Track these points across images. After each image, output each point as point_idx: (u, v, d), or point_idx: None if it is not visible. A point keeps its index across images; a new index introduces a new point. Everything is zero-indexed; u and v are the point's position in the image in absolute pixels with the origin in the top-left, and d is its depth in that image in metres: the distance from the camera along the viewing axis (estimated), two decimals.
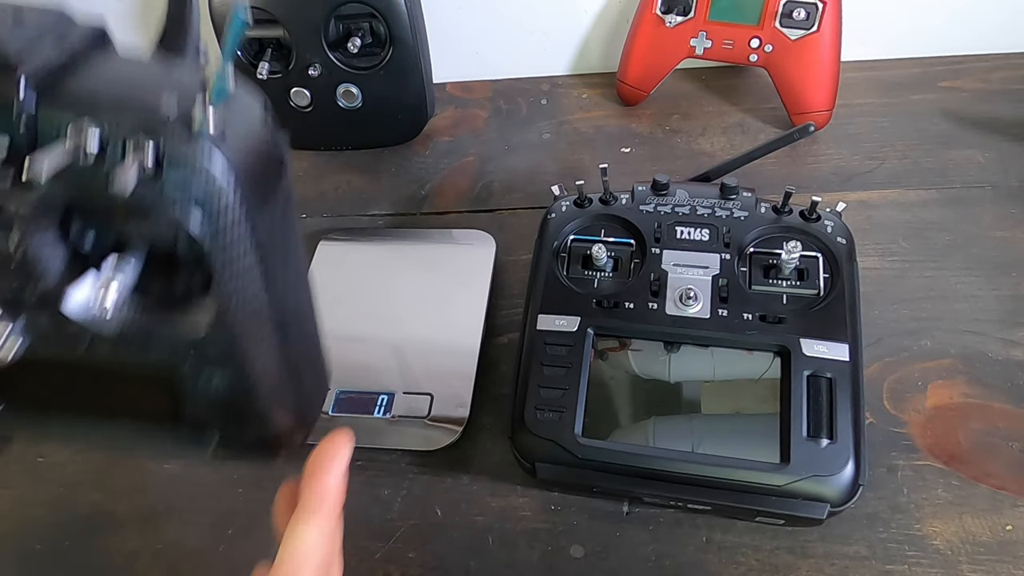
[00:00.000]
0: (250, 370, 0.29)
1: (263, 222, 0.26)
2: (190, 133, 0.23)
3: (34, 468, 0.52)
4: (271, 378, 0.31)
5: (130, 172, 0.22)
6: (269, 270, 0.27)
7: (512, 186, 0.66)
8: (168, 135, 0.23)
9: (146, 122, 0.23)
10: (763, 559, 0.44)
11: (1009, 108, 0.67)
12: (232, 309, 0.27)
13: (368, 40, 0.64)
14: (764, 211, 0.49)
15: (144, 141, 0.22)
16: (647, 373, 0.45)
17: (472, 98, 0.76)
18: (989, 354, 0.51)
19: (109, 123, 0.23)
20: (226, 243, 0.25)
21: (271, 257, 0.27)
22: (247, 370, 0.29)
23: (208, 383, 0.30)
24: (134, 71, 0.26)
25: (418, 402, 0.51)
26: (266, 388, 0.31)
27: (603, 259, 0.48)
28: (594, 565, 0.45)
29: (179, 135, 0.23)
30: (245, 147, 0.25)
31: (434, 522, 0.47)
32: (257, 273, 0.27)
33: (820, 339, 0.43)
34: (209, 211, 0.24)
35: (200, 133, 0.23)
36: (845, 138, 0.66)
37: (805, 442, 0.41)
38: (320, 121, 0.68)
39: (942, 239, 0.58)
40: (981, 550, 0.43)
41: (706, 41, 0.66)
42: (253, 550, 0.47)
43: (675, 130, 0.70)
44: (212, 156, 0.23)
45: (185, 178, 0.23)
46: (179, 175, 0.23)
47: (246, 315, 0.28)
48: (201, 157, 0.23)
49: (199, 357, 0.29)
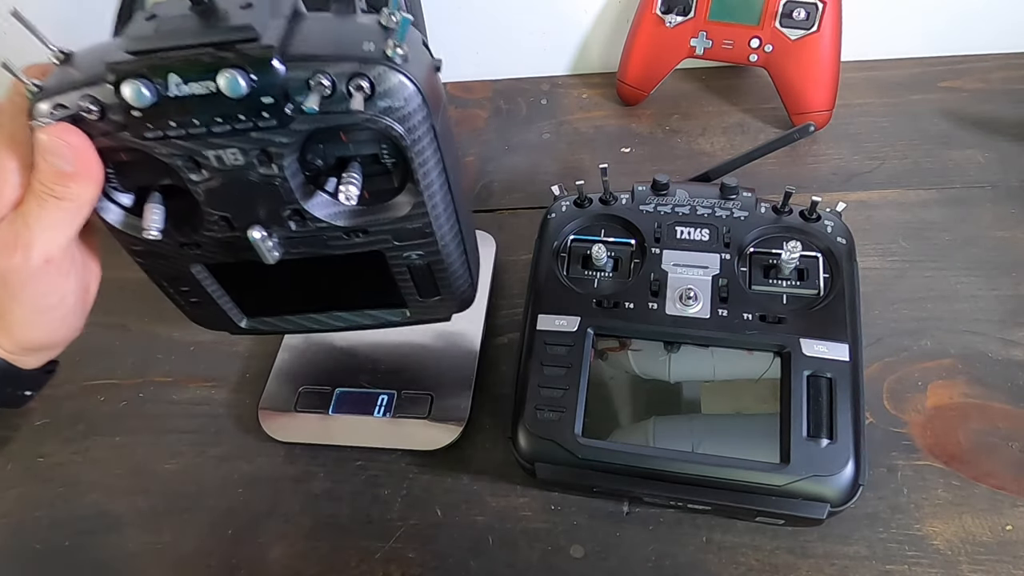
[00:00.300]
0: (440, 240, 0.40)
1: (439, 124, 0.35)
2: (389, 64, 0.32)
3: (34, 468, 0.52)
4: (454, 246, 0.41)
5: (357, 100, 0.32)
6: (445, 161, 0.37)
7: (512, 186, 0.66)
8: (375, 70, 0.32)
9: (359, 63, 0.32)
10: (763, 559, 0.44)
11: (1009, 108, 0.67)
12: (425, 191, 0.37)
13: None
14: (764, 211, 0.49)
15: (361, 76, 0.32)
16: (647, 373, 0.45)
17: (472, 98, 0.76)
18: (989, 354, 0.51)
19: (335, 70, 0.32)
20: (419, 141, 0.34)
21: (446, 151, 0.37)
22: (438, 240, 0.40)
23: (409, 258, 0.41)
24: (331, 26, 0.34)
25: (418, 402, 0.51)
26: (451, 255, 0.41)
27: (603, 259, 0.48)
28: (594, 565, 0.45)
29: (382, 68, 0.32)
30: (421, 70, 0.34)
31: (434, 522, 0.47)
32: (439, 163, 0.36)
33: (820, 339, 0.43)
34: (407, 119, 0.33)
35: (395, 64, 0.32)
36: (845, 138, 0.66)
37: (805, 442, 0.41)
38: None
39: (942, 239, 0.58)
40: (981, 550, 0.43)
41: (706, 41, 0.66)
42: (253, 550, 0.48)
43: (675, 130, 0.70)
44: (405, 80, 0.32)
45: (390, 97, 0.32)
46: (386, 96, 0.32)
47: (435, 195, 0.37)
48: (398, 81, 0.32)
49: (403, 235, 0.39)
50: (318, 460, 0.51)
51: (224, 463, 0.51)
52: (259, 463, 0.51)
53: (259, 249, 0.38)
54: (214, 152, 0.34)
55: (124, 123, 0.33)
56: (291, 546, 0.47)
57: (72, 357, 0.49)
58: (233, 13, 0.31)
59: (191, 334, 0.58)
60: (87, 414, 0.55)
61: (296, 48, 0.32)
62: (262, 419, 0.52)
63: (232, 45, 0.31)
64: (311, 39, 0.32)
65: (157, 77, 0.31)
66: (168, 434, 0.53)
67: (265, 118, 0.32)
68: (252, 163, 0.34)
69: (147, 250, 0.40)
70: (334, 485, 0.50)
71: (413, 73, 0.33)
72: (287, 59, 0.31)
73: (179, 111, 0.32)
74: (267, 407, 0.52)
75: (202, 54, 0.31)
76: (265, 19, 0.31)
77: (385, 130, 0.33)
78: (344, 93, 0.32)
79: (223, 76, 0.30)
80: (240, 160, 0.34)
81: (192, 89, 0.31)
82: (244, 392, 0.55)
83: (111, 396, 0.55)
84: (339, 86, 0.32)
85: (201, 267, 0.42)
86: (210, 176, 0.35)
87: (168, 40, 0.31)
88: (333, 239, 0.39)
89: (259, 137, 0.33)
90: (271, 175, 0.35)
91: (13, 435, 0.54)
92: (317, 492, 0.49)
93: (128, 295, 0.61)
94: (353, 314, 0.47)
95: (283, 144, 0.33)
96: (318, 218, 0.37)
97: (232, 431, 0.53)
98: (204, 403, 0.55)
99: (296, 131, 0.33)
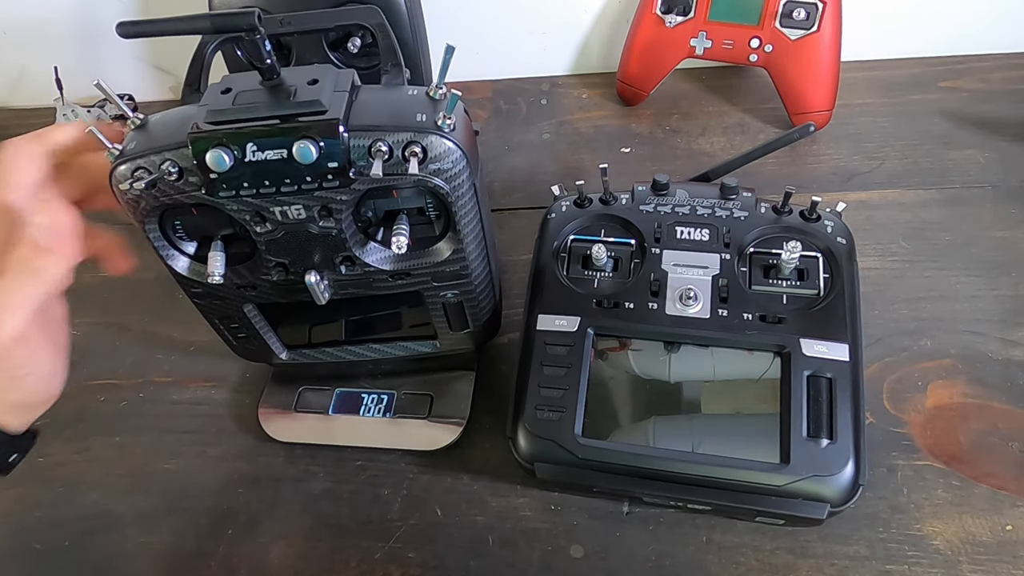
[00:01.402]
0: (474, 281, 0.45)
1: (478, 181, 0.40)
2: (439, 133, 0.37)
3: (34, 468, 0.52)
4: (485, 285, 0.46)
5: (413, 164, 0.36)
6: (482, 212, 0.42)
7: (512, 186, 0.66)
8: (428, 139, 0.37)
9: (414, 132, 0.36)
10: (763, 559, 0.44)
11: (1009, 108, 0.67)
12: (464, 239, 0.42)
13: (368, 40, 0.64)
14: (764, 211, 0.49)
15: (416, 144, 0.36)
16: (647, 373, 0.45)
17: (472, 98, 0.76)
18: (989, 354, 0.51)
19: (393, 139, 0.36)
20: (462, 197, 0.39)
21: (482, 204, 0.42)
22: (472, 281, 0.44)
23: (445, 296, 0.45)
24: (386, 98, 0.38)
25: (418, 402, 0.51)
26: (482, 293, 0.46)
27: (603, 259, 0.48)
28: (594, 565, 0.45)
29: (433, 137, 0.37)
30: (464, 136, 0.38)
31: (434, 522, 0.47)
32: (477, 214, 0.41)
33: (820, 339, 0.43)
34: (454, 179, 0.38)
35: (444, 132, 0.37)
36: (845, 138, 0.66)
37: (805, 442, 0.41)
38: None
39: (942, 239, 0.58)
40: (981, 550, 0.43)
41: (706, 41, 0.66)
42: (253, 550, 0.47)
43: (675, 130, 0.70)
44: (453, 146, 0.37)
45: (440, 161, 0.37)
46: (437, 160, 0.37)
47: (471, 242, 0.42)
48: (447, 147, 0.37)
49: (442, 277, 0.44)
50: (318, 460, 0.51)
51: (224, 463, 0.51)
52: (259, 463, 0.51)
53: (313, 291, 0.42)
54: (280, 208, 0.38)
55: (200, 184, 0.37)
56: (291, 546, 0.47)
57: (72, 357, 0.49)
58: (302, 89, 0.36)
59: (191, 334, 0.58)
60: (87, 414, 0.55)
61: (358, 119, 0.36)
62: (262, 419, 0.52)
63: (302, 116, 0.35)
64: (370, 110, 0.37)
65: (235, 145, 0.35)
66: (168, 434, 0.53)
67: (330, 180, 0.37)
68: (313, 217, 0.39)
69: (206, 292, 0.44)
70: (334, 485, 0.50)
71: (459, 140, 0.38)
72: (350, 129, 0.36)
73: (253, 174, 0.36)
74: (267, 407, 0.52)
75: (276, 126, 0.35)
76: (330, 93, 0.36)
77: (435, 189, 0.38)
78: (400, 158, 0.36)
79: (297, 145, 0.35)
80: (303, 215, 0.39)
81: (267, 155, 0.36)
82: (244, 392, 0.55)
83: (111, 396, 0.55)
84: (396, 152, 0.36)
85: (252, 306, 0.46)
86: (273, 228, 0.39)
87: (245, 112, 0.35)
88: (379, 281, 0.43)
89: (322, 195, 0.38)
90: (329, 227, 0.39)
91: None
92: (317, 492, 0.49)
93: (128, 295, 0.62)
94: (387, 346, 0.51)
95: (343, 201, 0.38)
96: (368, 263, 0.42)
97: (232, 431, 0.53)
98: (204, 403, 0.55)
99: (356, 190, 0.38)
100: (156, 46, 0.76)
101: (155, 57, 0.77)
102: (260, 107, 0.35)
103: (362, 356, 0.51)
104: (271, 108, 0.35)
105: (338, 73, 0.37)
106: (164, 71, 0.78)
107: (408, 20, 0.62)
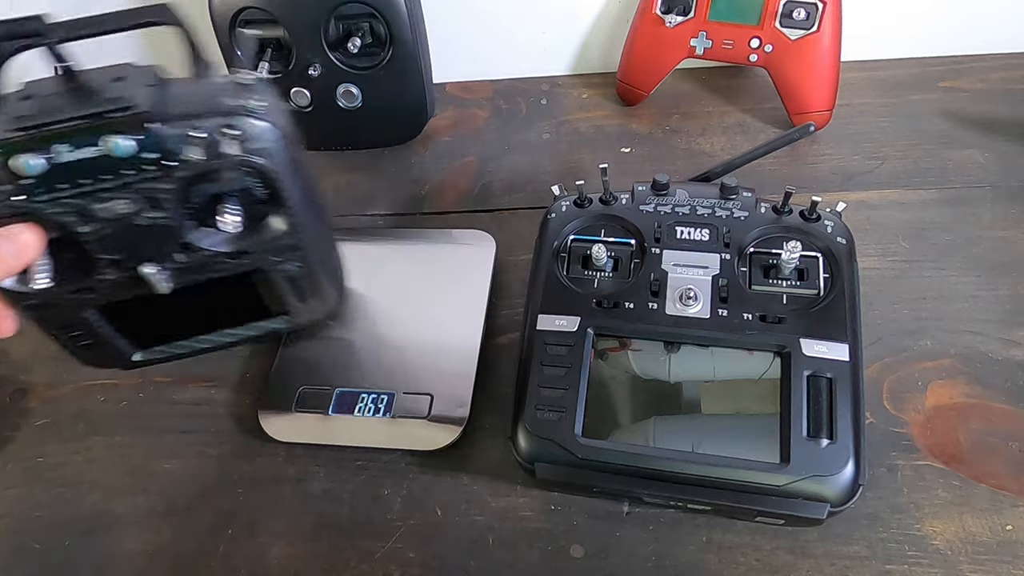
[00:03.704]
0: (310, 253, 0.46)
1: (298, 157, 0.42)
2: (252, 115, 0.39)
3: (34, 468, 0.52)
4: (321, 258, 0.48)
5: (231, 145, 0.38)
6: (307, 186, 0.44)
7: (512, 186, 0.66)
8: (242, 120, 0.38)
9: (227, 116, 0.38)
10: (763, 559, 0.44)
11: (1009, 108, 0.67)
12: (292, 210, 0.43)
13: (368, 40, 0.64)
14: (764, 211, 0.49)
15: (230, 127, 0.38)
16: (647, 373, 0.45)
17: (472, 98, 0.76)
18: (989, 354, 0.51)
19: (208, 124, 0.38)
20: (283, 172, 0.41)
21: (307, 177, 0.44)
22: (307, 250, 0.45)
23: (286, 269, 0.46)
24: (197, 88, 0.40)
25: (418, 402, 0.51)
26: (319, 260, 0.48)
27: (603, 259, 0.48)
28: (594, 565, 0.45)
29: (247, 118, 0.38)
30: (279, 115, 0.41)
31: (434, 522, 0.47)
32: (303, 188, 0.43)
33: (820, 339, 0.43)
34: (273, 156, 0.40)
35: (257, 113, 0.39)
36: (845, 138, 0.66)
37: (805, 442, 0.41)
38: (320, 121, 0.68)
39: (942, 239, 0.58)
40: (981, 550, 0.43)
41: (706, 41, 0.66)
42: (253, 550, 0.47)
43: (675, 130, 0.70)
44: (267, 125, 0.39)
45: (257, 140, 0.39)
46: (253, 139, 0.39)
47: (300, 213, 0.43)
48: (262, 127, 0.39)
49: (279, 251, 0.45)
50: (318, 460, 0.51)
51: (224, 463, 0.51)
52: (259, 463, 0.51)
53: (152, 282, 0.42)
54: (101, 205, 0.38)
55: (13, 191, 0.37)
56: (291, 546, 0.47)
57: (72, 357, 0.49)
58: (107, 87, 0.36)
59: None
60: (87, 414, 0.55)
61: (171, 109, 0.37)
62: (262, 419, 0.52)
63: (110, 113, 0.36)
64: (182, 100, 0.38)
65: (44, 148, 0.35)
66: (168, 434, 0.53)
67: (150, 171, 0.38)
68: (140, 210, 0.39)
69: (42, 302, 0.43)
70: (334, 485, 0.50)
71: (272, 119, 0.40)
72: (164, 120, 0.37)
73: (69, 175, 0.37)
74: (267, 407, 0.52)
75: (85, 125, 0.35)
76: (136, 88, 0.37)
77: (256, 167, 0.40)
78: (218, 142, 0.38)
79: (109, 141, 0.36)
80: (129, 209, 0.39)
81: (81, 154, 0.36)
82: (244, 392, 0.55)
83: (111, 396, 0.55)
84: (213, 136, 0.38)
85: (93, 310, 0.45)
86: (100, 226, 0.39)
87: (50, 115, 0.35)
88: (219, 264, 0.44)
89: (145, 188, 0.38)
90: (158, 217, 0.40)
91: (13, 435, 0.54)
92: (317, 492, 0.49)
93: None
94: (241, 329, 0.52)
95: (168, 190, 0.39)
96: (205, 248, 0.43)
97: (232, 431, 0.53)
98: (204, 403, 0.55)
99: (178, 178, 0.39)
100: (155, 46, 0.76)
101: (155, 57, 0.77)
102: (66, 108, 0.35)
103: (217, 343, 0.52)
104: (77, 108, 0.35)
105: (141, 68, 0.38)
106: None
107: (408, 20, 0.62)
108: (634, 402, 0.44)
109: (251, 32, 0.64)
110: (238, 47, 0.64)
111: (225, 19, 0.62)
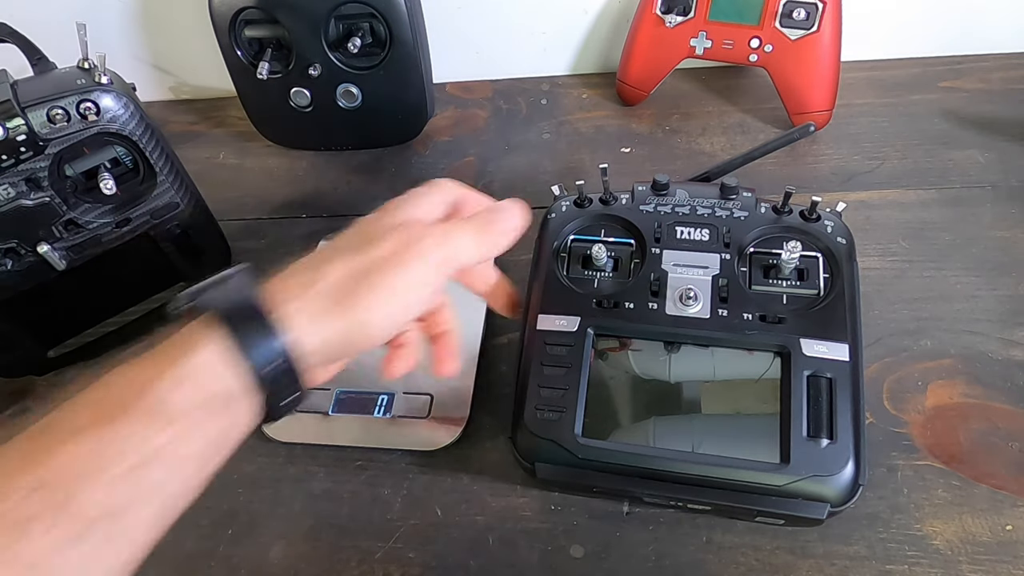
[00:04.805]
0: (186, 204, 0.53)
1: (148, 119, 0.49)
2: (101, 88, 0.46)
3: None
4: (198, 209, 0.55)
5: (90, 114, 0.46)
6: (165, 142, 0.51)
7: (512, 186, 0.66)
8: (93, 94, 0.46)
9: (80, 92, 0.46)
10: (763, 559, 0.44)
11: (1009, 108, 0.67)
12: (162, 171, 0.50)
13: (368, 40, 0.64)
14: (764, 211, 0.49)
15: (85, 101, 0.46)
16: (647, 373, 0.45)
17: (472, 98, 0.76)
18: (989, 354, 0.51)
19: (65, 102, 0.45)
20: (141, 136, 0.48)
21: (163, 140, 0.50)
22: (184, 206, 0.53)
23: (170, 230, 0.53)
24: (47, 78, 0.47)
25: (418, 402, 0.51)
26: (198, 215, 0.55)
27: (603, 259, 0.48)
28: (594, 565, 0.45)
29: (98, 92, 0.46)
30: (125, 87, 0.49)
31: (434, 522, 0.47)
32: (163, 149, 0.50)
33: (820, 339, 0.43)
34: (127, 122, 0.48)
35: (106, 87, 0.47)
36: (845, 138, 0.66)
37: (805, 442, 0.41)
38: (320, 121, 0.68)
39: (942, 239, 0.58)
40: (981, 550, 0.43)
41: (706, 41, 0.66)
42: (253, 550, 0.47)
43: (675, 130, 0.70)
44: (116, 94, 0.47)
45: (110, 110, 0.47)
46: (108, 110, 0.47)
47: (169, 172, 0.51)
48: (112, 97, 0.47)
49: (159, 212, 0.52)
50: (318, 460, 0.51)
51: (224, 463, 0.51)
52: (259, 463, 0.51)
53: (50, 260, 0.48)
54: None
55: None
56: (291, 546, 0.47)
57: None
58: None
59: None
60: None
61: (30, 96, 0.45)
62: None
63: None
64: (37, 88, 0.45)
65: None
66: None
67: (23, 151, 0.44)
68: (22, 192, 0.46)
69: None
70: (334, 485, 0.50)
71: (119, 89, 0.47)
72: (25, 106, 0.44)
73: None
74: None
75: None
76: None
77: (116, 133, 0.47)
78: (78, 116, 0.45)
79: None
80: (11, 193, 0.45)
81: None
82: None
83: None
84: (71, 111, 0.45)
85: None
86: None
87: None
88: (107, 235, 0.50)
89: (23, 168, 0.45)
90: (40, 197, 0.46)
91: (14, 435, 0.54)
92: (317, 492, 0.49)
93: None
94: (143, 304, 0.58)
95: (43, 168, 0.46)
96: (90, 220, 0.49)
97: None
98: None
99: (50, 154, 0.45)
100: (156, 46, 0.76)
101: (155, 57, 0.77)
102: None
103: (122, 323, 0.57)
104: None
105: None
106: (164, 71, 0.78)
107: (408, 20, 0.62)
108: (634, 402, 0.44)
109: (251, 32, 0.64)
110: (238, 47, 0.64)
111: (225, 19, 0.62)
